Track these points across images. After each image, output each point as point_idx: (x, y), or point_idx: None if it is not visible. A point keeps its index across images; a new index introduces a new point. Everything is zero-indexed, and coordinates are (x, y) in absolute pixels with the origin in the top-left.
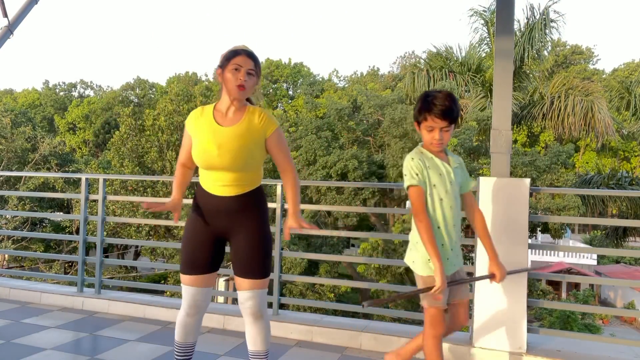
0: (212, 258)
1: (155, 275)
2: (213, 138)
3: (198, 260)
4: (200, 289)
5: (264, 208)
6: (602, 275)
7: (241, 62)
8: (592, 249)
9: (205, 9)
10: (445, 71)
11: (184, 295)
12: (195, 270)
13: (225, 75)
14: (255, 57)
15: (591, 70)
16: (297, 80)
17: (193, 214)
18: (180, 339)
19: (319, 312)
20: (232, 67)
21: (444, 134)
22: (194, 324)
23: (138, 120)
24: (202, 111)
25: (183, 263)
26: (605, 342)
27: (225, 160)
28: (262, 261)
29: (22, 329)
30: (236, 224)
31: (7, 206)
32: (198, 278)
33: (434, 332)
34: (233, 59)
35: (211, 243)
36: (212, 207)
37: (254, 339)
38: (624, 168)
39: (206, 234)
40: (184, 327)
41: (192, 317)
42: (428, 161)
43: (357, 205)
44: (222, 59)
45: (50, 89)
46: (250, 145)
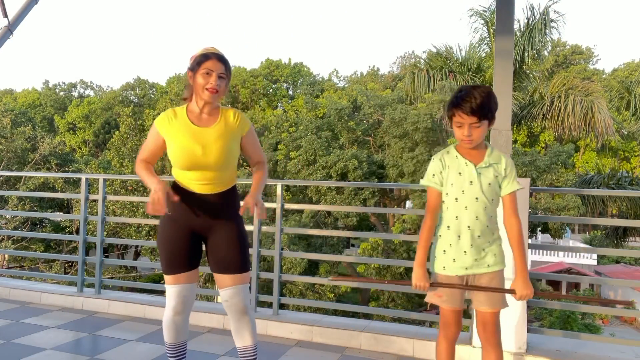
0: (193, 254)
1: (155, 275)
2: (194, 139)
3: (180, 258)
4: (186, 285)
5: (238, 205)
6: (602, 275)
7: (212, 67)
8: (592, 249)
9: (205, 9)
10: (445, 71)
11: (170, 295)
12: (178, 269)
13: (196, 79)
14: (226, 60)
15: (591, 70)
16: (297, 80)
17: (168, 214)
18: (172, 340)
19: (319, 312)
20: (203, 71)
21: (474, 130)
22: (182, 321)
23: (138, 120)
24: (174, 113)
25: (165, 264)
26: (605, 342)
27: (210, 159)
28: (243, 256)
29: (22, 329)
30: (215, 222)
31: (7, 206)
32: (182, 276)
33: (443, 333)
34: (204, 62)
35: (190, 240)
36: (191, 205)
37: (242, 334)
38: (624, 168)
39: (184, 232)
40: (173, 327)
41: (181, 315)
42: (450, 160)
43: (357, 205)
44: (192, 62)
45: (50, 89)
46: (230, 143)
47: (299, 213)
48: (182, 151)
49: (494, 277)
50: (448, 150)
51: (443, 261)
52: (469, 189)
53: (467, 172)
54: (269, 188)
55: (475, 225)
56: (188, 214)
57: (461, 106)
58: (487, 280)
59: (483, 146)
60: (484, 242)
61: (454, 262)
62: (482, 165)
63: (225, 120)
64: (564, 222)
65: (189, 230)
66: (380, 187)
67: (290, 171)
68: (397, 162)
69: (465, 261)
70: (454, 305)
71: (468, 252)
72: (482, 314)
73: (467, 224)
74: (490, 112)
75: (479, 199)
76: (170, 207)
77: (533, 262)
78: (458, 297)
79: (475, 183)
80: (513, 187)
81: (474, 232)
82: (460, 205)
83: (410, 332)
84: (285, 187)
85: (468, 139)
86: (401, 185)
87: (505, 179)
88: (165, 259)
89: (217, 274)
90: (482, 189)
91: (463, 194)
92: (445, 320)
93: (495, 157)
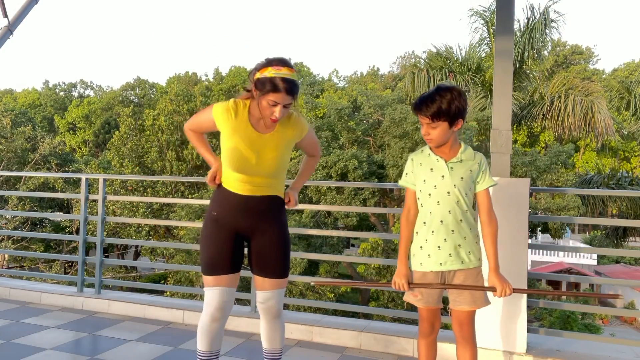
0: (236, 257)
1: (155, 275)
2: (252, 145)
3: (223, 259)
4: (227, 289)
5: (284, 210)
6: (602, 275)
7: (279, 100)
8: (592, 249)
9: (205, 9)
10: (445, 71)
11: (209, 299)
12: (221, 270)
13: (261, 102)
14: (296, 92)
15: (591, 70)
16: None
17: (213, 215)
18: (206, 347)
19: (319, 312)
20: (270, 100)
21: (431, 130)
22: (218, 328)
23: (138, 120)
24: (235, 109)
25: (207, 264)
26: (605, 342)
27: (263, 168)
28: (285, 261)
29: (22, 329)
30: (261, 224)
31: (7, 206)
32: (224, 278)
33: (421, 331)
34: (272, 93)
35: (234, 242)
36: (238, 207)
37: (271, 337)
38: (624, 168)
39: (229, 233)
40: (209, 334)
41: (218, 322)
42: (422, 158)
43: (357, 205)
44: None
45: (50, 89)
46: (285, 152)
47: (299, 213)
48: (237, 155)
49: (470, 274)
50: (422, 149)
51: (419, 257)
52: (440, 184)
53: (438, 167)
54: None
55: (448, 220)
56: (234, 215)
57: (418, 108)
58: (463, 277)
59: (457, 144)
60: (459, 238)
61: (428, 258)
62: (454, 160)
63: (284, 127)
64: (564, 222)
65: (233, 232)
66: (380, 187)
67: (291, 171)
68: (397, 162)
69: (440, 256)
70: (429, 304)
71: (442, 246)
72: (459, 312)
73: (439, 219)
74: (445, 114)
75: (451, 192)
76: (215, 207)
77: (533, 262)
78: (434, 296)
79: (446, 177)
80: (487, 183)
81: (447, 226)
82: (433, 200)
83: (410, 332)
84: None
85: (427, 138)
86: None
87: (479, 174)
88: (208, 259)
89: (257, 276)
90: (454, 183)
91: (435, 188)
92: (422, 319)
93: (468, 155)
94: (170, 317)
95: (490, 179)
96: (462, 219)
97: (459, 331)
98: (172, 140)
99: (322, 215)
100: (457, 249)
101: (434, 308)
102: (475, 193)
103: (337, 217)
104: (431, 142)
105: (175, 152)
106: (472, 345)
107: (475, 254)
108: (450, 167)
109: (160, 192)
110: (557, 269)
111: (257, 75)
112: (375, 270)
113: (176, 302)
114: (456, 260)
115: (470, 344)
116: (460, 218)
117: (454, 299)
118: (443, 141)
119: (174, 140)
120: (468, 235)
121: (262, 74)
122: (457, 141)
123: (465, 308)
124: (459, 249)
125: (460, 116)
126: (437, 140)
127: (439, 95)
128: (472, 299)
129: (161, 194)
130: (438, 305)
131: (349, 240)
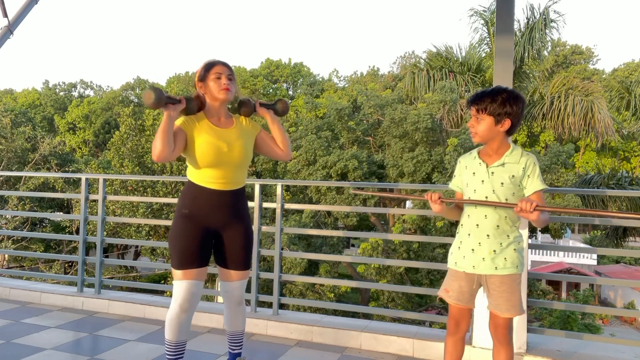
0: (205, 252)
1: (155, 275)
2: (219, 137)
3: (192, 254)
4: (196, 282)
5: (247, 205)
6: (602, 275)
7: (220, 70)
8: (592, 249)
9: (205, 9)
10: (445, 71)
11: (179, 291)
12: (190, 264)
13: (208, 85)
14: (229, 65)
15: (591, 70)
16: (297, 80)
17: (184, 212)
18: (174, 338)
19: (319, 312)
20: (213, 76)
21: (475, 121)
22: (186, 320)
23: (138, 120)
24: (195, 117)
25: (178, 258)
26: (605, 342)
27: (234, 155)
28: (249, 254)
29: (22, 329)
30: (231, 219)
31: (7, 206)
32: (193, 272)
33: (448, 328)
34: (212, 69)
35: (204, 237)
36: (210, 202)
37: (236, 321)
38: (624, 168)
39: (199, 229)
40: (178, 325)
41: (187, 313)
42: (469, 161)
43: (357, 205)
44: (200, 72)
45: (50, 89)
46: (249, 143)
47: (299, 213)
48: (210, 147)
49: (504, 280)
50: (471, 152)
51: (455, 257)
52: (480, 188)
53: (480, 171)
54: (269, 188)
55: (484, 225)
56: (206, 211)
57: (470, 99)
58: (497, 282)
59: (506, 146)
60: (494, 243)
61: (463, 259)
62: (495, 165)
63: (240, 123)
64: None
65: (203, 228)
66: (380, 187)
67: (290, 171)
68: (397, 162)
69: (473, 259)
70: (459, 302)
71: (476, 250)
72: (496, 317)
73: (476, 222)
74: (490, 109)
75: (489, 198)
76: (186, 205)
77: (533, 262)
78: (466, 295)
79: (486, 182)
80: (534, 187)
81: (483, 231)
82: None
83: (410, 332)
84: (285, 187)
85: (472, 131)
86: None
87: (527, 179)
88: (178, 254)
89: (223, 268)
90: (493, 189)
91: (475, 193)
92: (450, 315)
93: (513, 157)
94: None
95: (539, 182)
96: (499, 225)
97: (494, 333)
98: None
99: (322, 215)
100: (491, 254)
101: (463, 307)
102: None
103: (337, 217)
104: (475, 136)
105: None
106: (507, 348)
107: (512, 260)
108: (490, 172)
109: (160, 192)
110: (557, 269)
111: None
112: (375, 270)
113: None
114: (490, 265)
115: (504, 346)
116: (497, 224)
117: (491, 302)
118: (487, 138)
119: None
120: (505, 242)
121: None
122: (506, 143)
123: (499, 314)
124: (493, 254)
125: (508, 117)
126: (481, 135)
127: (493, 92)
128: (506, 306)
129: (161, 194)
130: (468, 305)
131: (349, 240)
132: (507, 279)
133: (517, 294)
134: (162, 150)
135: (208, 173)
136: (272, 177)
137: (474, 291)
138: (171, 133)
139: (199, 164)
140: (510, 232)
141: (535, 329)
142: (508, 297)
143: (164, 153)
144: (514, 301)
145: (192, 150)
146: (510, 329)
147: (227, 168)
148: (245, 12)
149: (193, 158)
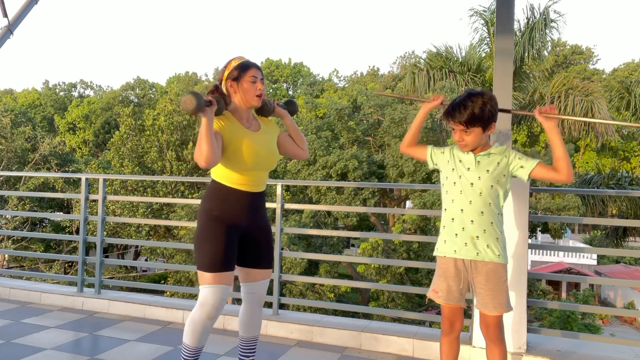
0: (235, 255)
1: (155, 275)
2: (255, 141)
3: (225, 256)
4: (227, 287)
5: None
6: (602, 275)
7: (256, 74)
8: (592, 249)
9: (205, 9)
10: (445, 71)
11: (208, 297)
12: (222, 267)
13: (243, 86)
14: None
15: (591, 70)
16: (297, 80)
17: (214, 214)
18: (196, 344)
19: (319, 312)
20: (249, 79)
21: (465, 135)
22: (210, 326)
23: (138, 120)
24: (224, 118)
25: (209, 262)
26: (605, 342)
27: (270, 158)
28: (273, 253)
29: (22, 329)
30: (258, 219)
31: (7, 206)
32: (225, 275)
33: (442, 329)
34: (248, 71)
35: (235, 241)
36: (240, 204)
37: (255, 325)
38: (624, 168)
39: (230, 231)
40: (202, 331)
41: (213, 320)
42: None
43: (357, 205)
44: (233, 71)
45: (50, 89)
46: (275, 145)
47: (299, 213)
48: (249, 150)
49: (489, 278)
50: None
51: (439, 242)
52: (466, 174)
53: (466, 159)
54: (269, 188)
55: (468, 210)
56: (238, 213)
57: (451, 115)
58: (483, 281)
59: (489, 145)
60: (477, 229)
61: (444, 244)
62: (482, 154)
63: (265, 125)
64: (564, 222)
65: (233, 230)
66: (380, 187)
67: (290, 171)
68: (397, 162)
69: (455, 243)
70: (449, 302)
71: (459, 235)
72: (485, 316)
73: (460, 207)
74: (479, 120)
75: (475, 184)
76: (216, 207)
77: (533, 262)
78: (455, 293)
79: (472, 170)
80: (533, 163)
81: (467, 216)
82: (457, 189)
83: (410, 332)
84: (285, 187)
85: (461, 144)
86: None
87: (518, 161)
88: (209, 257)
89: (249, 268)
90: (479, 175)
91: (460, 178)
92: (444, 315)
93: (499, 151)
94: (170, 317)
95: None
96: (483, 212)
97: (486, 333)
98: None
99: (322, 215)
100: (473, 239)
101: (455, 306)
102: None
103: (337, 217)
104: (465, 148)
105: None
106: (500, 346)
107: (495, 249)
108: (477, 160)
109: (160, 192)
110: (557, 269)
111: (227, 72)
112: (375, 270)
113: (176, 302)
114: (471, 250)
115: (497, 345)
116: (481, 210)
117: (479, 300)
118: (477, 146)
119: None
120: (488, 229)
121: (230, 68)
122: (489, 142)
123: (487, 312)
124: (475, 240)
125: (493, 120)
126: (471, 146)
127: (471, 100)
128: (493, 304)
129: (161, 194)
130: (459, 304)
131: (349, 240)
132: (492, 275)
133: (504, 292)
134: (210, 154)
135: (242, 175)
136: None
137: (462, 290)
138: (214, 136)
139: (236, 166)
140: (493, 220)
141: (535, 328)
142: (494, 294)
143: (213, 157)
144: (501, 299)
145: (229, 153)
146: (501, 328)
147: (260, 170)
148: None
149: (229, 161)
